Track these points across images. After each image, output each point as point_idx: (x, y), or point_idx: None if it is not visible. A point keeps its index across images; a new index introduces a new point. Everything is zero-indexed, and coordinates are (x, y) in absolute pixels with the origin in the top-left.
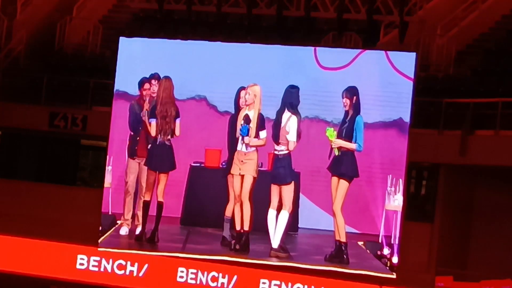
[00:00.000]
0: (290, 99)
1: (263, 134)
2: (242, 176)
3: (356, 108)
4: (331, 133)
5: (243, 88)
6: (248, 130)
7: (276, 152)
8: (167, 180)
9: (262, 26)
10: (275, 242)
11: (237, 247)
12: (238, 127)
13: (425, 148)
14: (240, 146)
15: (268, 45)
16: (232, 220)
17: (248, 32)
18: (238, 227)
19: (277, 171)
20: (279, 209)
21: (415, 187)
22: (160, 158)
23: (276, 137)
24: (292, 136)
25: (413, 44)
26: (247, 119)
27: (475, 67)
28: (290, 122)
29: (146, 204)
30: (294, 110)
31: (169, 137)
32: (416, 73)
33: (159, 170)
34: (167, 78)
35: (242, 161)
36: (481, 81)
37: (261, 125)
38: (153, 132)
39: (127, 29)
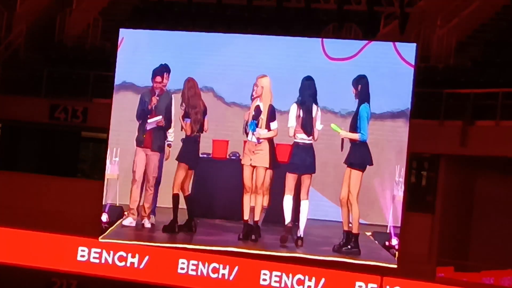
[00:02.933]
0: (312, 90)
1: (274, 125)
2: (254, 167)
3: (361, 97)
4: (336, 127)
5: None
6: (256, 125)
7: (305, 142)
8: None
9: (262, 18)
10: (301, 229)
11: (252, 237)
12: (249, 118)
13: (426, 139)
14: (250, 137)
15: (274, 36)
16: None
17: (248, 24)
18: (246, 217)
19: (310, 160)
20: (296, 197)
21: (415, 178)
22: (191, 153)
23: (309, 128)
24: (319, 126)
25: (413, 35)
26: (258, 111)
27: (475, 58)
28: (319, 113)
29: (176, 197)
30: (316, 102)
31: (200, 133)
32: (417, 64)
33: (190, 165)
34: (190, 78)
35: (253, 151)
36: (481, 71)
37: (271, 116)
38: (188, 131)
39: (127, 21)
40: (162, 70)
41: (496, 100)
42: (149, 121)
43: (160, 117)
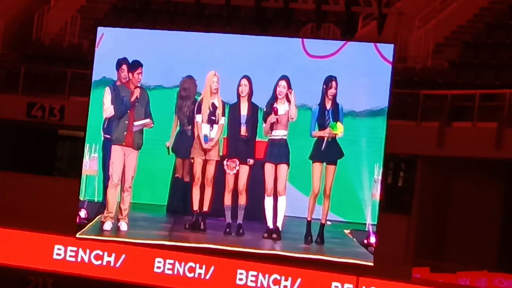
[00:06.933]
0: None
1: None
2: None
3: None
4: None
5: (245, 76)
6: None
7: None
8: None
9: (240, 17)
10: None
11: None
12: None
13: (403, 139)
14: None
15: (253, 35)
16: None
17: (226, 23)
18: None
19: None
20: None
21: (392, 178)
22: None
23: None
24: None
25: (391, 36)
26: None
27: (453, 59)
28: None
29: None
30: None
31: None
32: (394, 64)
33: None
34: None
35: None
36: (458, 73)
37: None
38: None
39: (105, 19)
40: (139, 64)
41: (473, 102)
42: (135, 123)
43: (148, 120)
